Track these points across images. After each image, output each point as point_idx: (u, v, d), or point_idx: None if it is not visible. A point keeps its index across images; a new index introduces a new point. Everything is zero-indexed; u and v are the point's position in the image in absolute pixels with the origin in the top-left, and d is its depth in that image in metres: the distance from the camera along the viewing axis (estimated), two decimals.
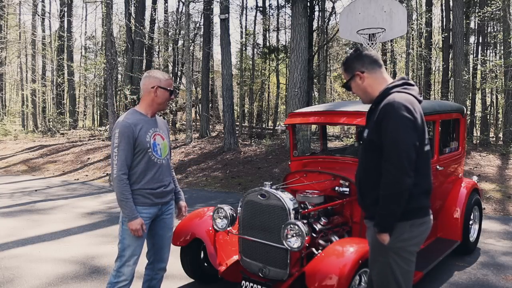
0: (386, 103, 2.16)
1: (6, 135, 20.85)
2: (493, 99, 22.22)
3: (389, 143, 2.10)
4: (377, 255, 2.30)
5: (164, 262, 3.12)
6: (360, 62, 2.32)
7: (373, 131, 2.21)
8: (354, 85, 2.36)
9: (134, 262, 2.89)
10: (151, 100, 2.91)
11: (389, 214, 2.14)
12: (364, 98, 2.38)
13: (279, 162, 11.54)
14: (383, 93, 2.26)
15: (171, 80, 3.00)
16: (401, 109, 2.10)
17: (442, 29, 21.97)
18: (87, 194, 8.97)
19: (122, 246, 2.86)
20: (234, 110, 16.09)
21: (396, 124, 2.09)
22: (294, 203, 3.29)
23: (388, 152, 2.11)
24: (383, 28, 8.37)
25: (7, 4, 24.61)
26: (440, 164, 4.31)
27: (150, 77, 2.90)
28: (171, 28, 26.28)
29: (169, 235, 3.11)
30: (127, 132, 2.76)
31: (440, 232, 4.60)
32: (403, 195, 2.11)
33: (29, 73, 30.00)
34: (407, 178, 2.08)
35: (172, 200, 3.12)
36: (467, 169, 9.55)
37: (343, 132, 20.65)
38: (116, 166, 2.75)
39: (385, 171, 2.13)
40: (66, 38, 26.10)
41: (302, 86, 11.50)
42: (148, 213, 2.88)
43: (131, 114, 2.88)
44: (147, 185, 2.86)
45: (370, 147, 2.24)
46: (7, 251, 5.08)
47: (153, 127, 2.92)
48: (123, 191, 2.76)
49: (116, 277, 2.86)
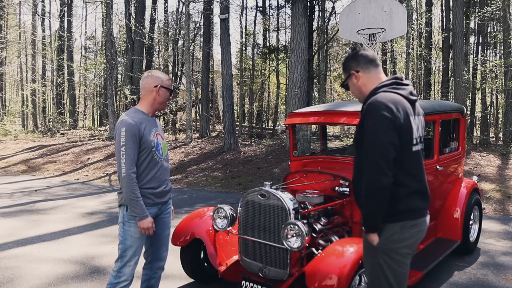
0: (368, 102, 2.18)
1: (6, 135, 20.86)
2: (493, 99, 22.22)
3: (367, 142, 2.11)
4: (367, 254, 2.32)
5: (162, 260, 3.11)
6: (356, 61, 2.33)
7: (359, 131, 2.23)
8: (351, 84, 2.38)
9: (135, 263, 2.89)
10: (153, 99, 2.91)
11: (370, 213, 2.15)
12: (360, 97, 2.38)
13: (279, 162, 11.54)
14: (372, 92, 2.27)
15: (170, 80, 3.02)
16: (381, 108, 2.09)
17: (442, 29, 21.96)
18: (87, 194, 8.97)
19: (124, 247, 2.84)
20: (234, 110, 16.09)
21: (374, 123, 2.09)
22: (294, 203, 3.29)
23: (366, 151, 2.11)
24: (383, 28, 8.36)
25: (7, 4, 24.61)
26: (440, 164, 4.31)
27: (153, 77, 2.91)
28: (171, 28, 26.29)
29: (166, 234, 3.10)
30: (133, 130, 2.75)
31: (440, 232, 4.60)
32: (381, 194, 2.09)
33: (29, 73, 30.01)
34: (383, 177, 2.06)
35: (170, 200, 3.12)
36: (467, 169, 9.55)
37: (343, 132, 20.65)
38: (124, 165, 2.72)
39: (364, 170, 2.13)
40: (66, 38, 26.11)
41: (302, 86, 11.50)
42: (149, 213, 2.88)
43: (134, 113, 2.87)
44: (149, 184, 2.85)
45: (358, 146, 2.25)
46: (7, 251, 5.08)
47: (155, 127, 2.93)
48: (133, 190, 2.74)
49: (116, 277, 2.85)
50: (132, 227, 2.84)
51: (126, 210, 2.85)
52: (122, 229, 2.86)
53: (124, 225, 2.85)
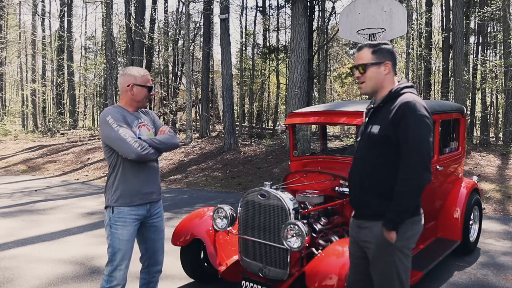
0: (404, 102, 2.23)
1: (6, 135, 20.87)
2: (493, 99, 22.21)
3: (412, 140, 2.17)
4: (382, 254, 2.29)
5: (159, 264, 3.06)
6: (393, 56, 2.38)
7: (388, 128, 2.24)
8: (374, 71, 2.34)
9: (126, 266, 2.81)
10: (129, 98, 2.84)
11: (405, 209, 2.19)
12: (370, 88, 2.37)
13: (279, 162, 11.55)
14: (395, 92, 2.31)
15: (148, 75, 2.88)
16: (421, 109, 2.20)
17: (442, 29, 21.96)
18: (87, 194, 8.97)
19: (113, 250, 2.77)
20: (234, 110, 16.08)
21: (418, 123, 2.18)
22: (294, 203, 3.29)
23: (410, 149, 2.17)
24: (383, 28, 8.36)
25: (7, 4, 24.61)
26: (440, 164, 4.31)
27: (125, 75, 2.82)
28: (171, 28, 26.28)
29: (161, 238, 3.03)
30: (118, 115, 2.73)
31: (440, 232, 4.60)
32: (422, 189, 2.19)
33: (29, 73, 30.01)
34: (428, 174, 2.17)
35: (160, 202, 3.01)
36: (467, 169, 9.55)
37: (343, 132, 20.65)
38: (128, 143, 2.63)
39: (405, 167, 2.18)
40: (66, 38, 26.10)
41: (302, 86, 11.50)
42: (137, 214, 2.82)
43: (115, 107, 2.85)
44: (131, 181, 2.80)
45: (383, 143, 2.26)
46: (7, 251, 5.08)
47: (137, 119, 2.87)
48: (151, 154, 2.73)
49: (108, 282, 2.78)
50: (119, 229, 2.77)
51: (112, 212, 2.78)
52: (109, 232, 2.79)
53: (111, 228, 2.78)
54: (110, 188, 2.83)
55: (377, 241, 2.29)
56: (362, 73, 2.35)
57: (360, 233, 2.40)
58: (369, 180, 2.32)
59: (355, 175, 2.40)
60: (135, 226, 2.83)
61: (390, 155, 2.25)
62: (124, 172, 2.77)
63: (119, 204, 2.78)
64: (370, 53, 2.34)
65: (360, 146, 2.43)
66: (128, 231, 2.79)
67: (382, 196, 2.27)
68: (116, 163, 2.79)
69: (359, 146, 2.44)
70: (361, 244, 2.40)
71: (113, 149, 2.76)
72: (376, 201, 2.29)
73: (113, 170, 2.82)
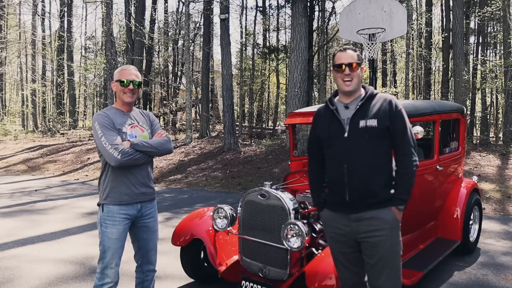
0: (389, 99, 2.48)
1: (6, 135, 20.88)
2: (493, 99, 22.22)
3: (405, 129, 2.46)
4: (395, 236, 2.43)
5: (152, 264, 3.07)
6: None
7: (384, 121, 2.42)
8: (359, 71, 2.52)
9: (117, 264, 2.82)
10: (118, 97, 2.90)
11: (411, 188, 2.46)
12: (356, 85, 2.50)
13: (279, 162, 11.55)
14: (372, 92, 2.53)
15: (128, 70, 2.86)
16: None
17: (442, 29, 21.95)
18: (87, 194, 8.97)
19: (103, 248, 2.80)
20: (234, 110, 16.08)
21: (405, 116, 2.48)
22: (294, 203, 3.29)
23: (405, 137, 2.45)
24: (383, 28, 8.35)
25: (7, 4, 24.62)
26: (440, 164, 4.31)
27: (113, 75, 2.91)
28: (171, 28, 26.28)
29: (153, 238, 3.02)
30: (105, 121, 2.76)
31: (440, 232, 4.60)
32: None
33: (29, 73, 30.02)
34: (416, 156, 2.51)
35: (154, 202, 3.01)
36: (467, 169, 9.55)
37: None
38: (107, 151, 2.66)
39: (407, 152, 2.45)
40: (66, 38, 26.11)
41: (302, 86, 11.50)
42: (127, 214, 2.82)
43: (107, 109, 2.90)
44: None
45: (383, 134, 2.44)
46: (7, 251, 5.08)
47: (128, 119, 2.88)
48: (136, 159, 2.74)
49: (100, 279, 2.80)
50: (109, 228, 2.78)
51: (102, 210, 2.81)
52: (100, 230, 2.81)
53: (101, 226, 2.80)
54: (101, 186, 2.88)
55: (391, 225, 2.41)
56: (352, 71, 2.47)
57: (360, 226, 2.41)
58: (373, 170, 2.41)
59: (357, 168, 2.40)
60: (125, 225, 2.84)
61: (387, 145, 2.46)
62: (114, 171, 2.79)
63: (108, 202, 2.80)
64: (355, 55, 2.50)
65: (352, 141, 2.42)
66: (118, 230, 2.80)
67: (386, 183, 2.44)
68: (107, 162, 2.81)
69: (351, 141, 2.43)
70: (360, 236, 2.42)
71: None
72: (383, 188, 2.42)
73: (104, 168, 2.86)
